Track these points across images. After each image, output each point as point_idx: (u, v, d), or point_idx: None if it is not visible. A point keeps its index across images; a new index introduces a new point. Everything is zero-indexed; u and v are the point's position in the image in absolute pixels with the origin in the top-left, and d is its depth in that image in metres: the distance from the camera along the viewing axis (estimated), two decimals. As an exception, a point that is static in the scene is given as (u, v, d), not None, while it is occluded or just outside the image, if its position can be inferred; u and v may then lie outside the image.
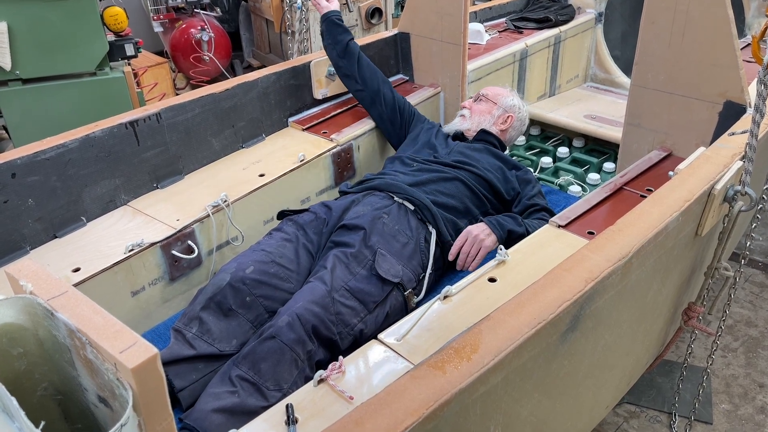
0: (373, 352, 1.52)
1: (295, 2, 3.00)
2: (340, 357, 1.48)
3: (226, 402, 1.56)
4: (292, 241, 2.00)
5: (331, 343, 1.73)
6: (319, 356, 1.70)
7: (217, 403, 1.57)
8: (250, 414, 1.50)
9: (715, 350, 2.19)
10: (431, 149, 2.47)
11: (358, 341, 1.75)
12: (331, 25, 2.69)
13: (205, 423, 1.54)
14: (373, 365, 1.48)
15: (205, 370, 1.70)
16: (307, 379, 1.64)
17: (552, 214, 2.15)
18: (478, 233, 2.06)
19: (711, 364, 2.22)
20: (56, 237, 2.07)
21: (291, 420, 1.33)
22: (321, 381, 1.43)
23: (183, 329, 1.76)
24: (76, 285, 1.84)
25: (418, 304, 1.93)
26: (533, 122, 3.73)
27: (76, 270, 1.90)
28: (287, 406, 1.36)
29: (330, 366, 1.45)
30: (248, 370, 1.62)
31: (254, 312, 1.81)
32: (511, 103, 2.66)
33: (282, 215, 2.17)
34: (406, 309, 1.93)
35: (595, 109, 3.64)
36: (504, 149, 2.63)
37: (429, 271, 2.01)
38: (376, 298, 1.86)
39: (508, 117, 2.63)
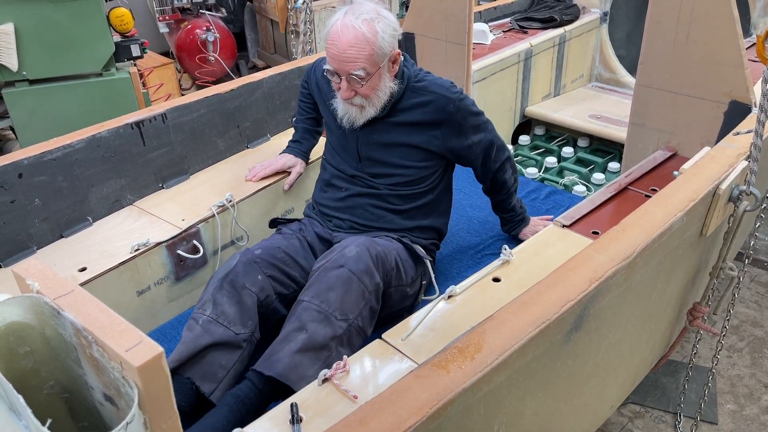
0: (377, 351, 1.52)
1: (296, 3, 3.01)
2: (345, 356, 1.49)
3: (297, 342, 1.59)
4: (295, 236, 2.00)
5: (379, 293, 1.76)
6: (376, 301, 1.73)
7: (288, 347, 1.59)
8: (321, 349, 1.58)
9: (720, 350, 2.19)
10: None
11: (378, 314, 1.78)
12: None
13: (280, 368, 1.56)
14: (378, 364, 1.49)
15: (228, 364, 1.66)
16: (373, 312, 1.72)
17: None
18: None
19: (716, 364, 2.22)
20: (62, 237, 2.08)
21: (295, 419, 1.33)
22: (325, 380, 1.43)
23: (196, 315, 1.71)
24: (82, 284, 1.85)
25: (422, 304, 1.93)
26: (538, 122, 3.73)
27: (83, 269, 1.91)
28: (292, 405, 1.36)
29: (334, 365, 1.46)
30: (314, 298, 1.64)
31: (265, 292, 1.78)
32: (383, 42, 1.85)
33: (274, 223, 2.14)
34: (411, 307, 1.94)
35: (599, 108, 3.64)
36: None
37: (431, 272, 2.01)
38: (412, 275, 1.91)
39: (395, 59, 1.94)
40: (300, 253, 1.93)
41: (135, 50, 3.54)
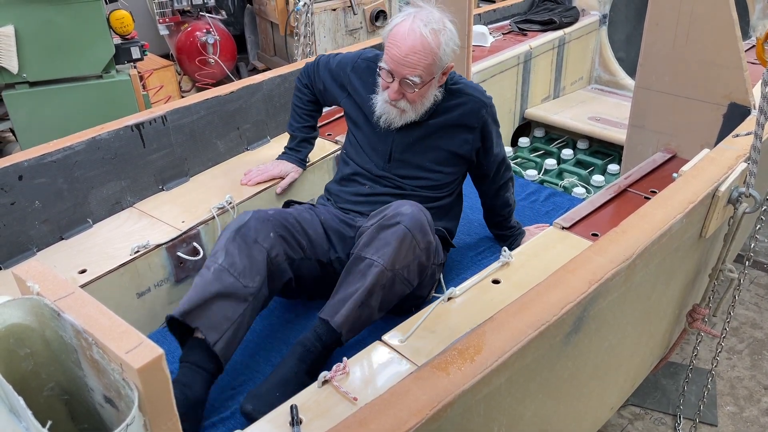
0: (377, 353, 1.52)
1: (296, 6, 3.01)
2: (344, 358, 1.49)
3: (358, 295, 1.68)
4: (307, 211, 2.01)
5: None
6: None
7: (351, 298, 1.68)
8: (368, 297, 1.68)
9: (719, 352, 2.19)
10: None
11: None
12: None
13: (339, 320, 1.66)
14: (377, 366, 1.49)
15: (233, 316, 1.66)
16: (422, 268, 1.81)
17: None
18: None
19: (716, 366, 2.22)
20: (63, 239, 2.08)
21: (295, 421, 1.33)
22: (325, 382, 1.43)
23: (209, 263, 1.73)
24: (82, 286, 1.85)
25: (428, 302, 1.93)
26: (537, 124, 3.73)
27: (83, 271, 1.91)
28: (291, 407, 1.36)
29: (334, 367, 1.46)
30: (374, 254, 1.70)
31: (275, 250, 1.79)
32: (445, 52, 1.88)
33: (287, 205, 2.15)
34: (424, 300, 1.97)
35: (599, 110, 3.64)
36: None
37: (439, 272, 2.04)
38: (441, 258, 1.97)
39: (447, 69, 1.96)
40: (310, 225, 1.94)
41: (135, 52, 3.54)
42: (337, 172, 2.21)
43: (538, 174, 3.30)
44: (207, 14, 5.31)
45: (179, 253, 2.07)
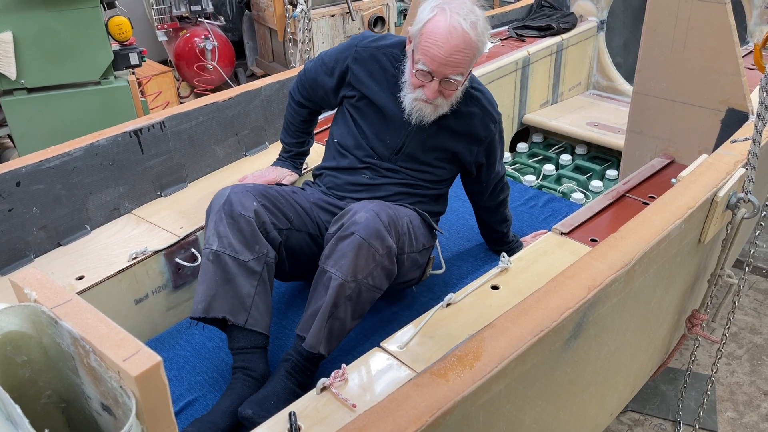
0: (375, 359, 1.52)
1: (294, 12, 3.02)
2: (343, 365, 1.48)
3: (323, 311, 1.66)
4: (292, 188, 1.99)
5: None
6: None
7: (317, 315, 1.67)
8: (335, 309, 1.66)
9: (719, 358, 2.18)
10: None
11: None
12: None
13: (310, 341, 1.66)
14: (376, 373, 1.48)
15: (251, 291, 1.70)
16: (388, 272, 1.75)
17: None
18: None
19: (715, 372, 2.21)
20: (60, 245, 2.07)
21: (294, 428, 1.33)
22: (324, 389, 1.43)
23: (204, 251, 1.74)
24: (80, 293, 1.85)
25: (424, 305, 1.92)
26: (536, 130, 3.74)
27: (80, 278, 1.91)
28: (290, 413, 1.36)
29: (333, 373, 1.45)
30: (332, 267, 1.66)
31: (261, 218, 1.76)
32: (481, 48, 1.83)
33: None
34: (419, 279, 2.00)
35: (597, 116, 3.65)
36: None
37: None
38: (423, 243, 1.92)
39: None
40: (296, 199, 1.91)
41: (133, 58, 3.54)
42: (326, 158, 2.12)
43: (537, 179, 3.30)
44: (205, 20, 5.32)
45: (177, 260, 2.07)
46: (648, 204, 2.03)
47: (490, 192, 2.13)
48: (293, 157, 2.33)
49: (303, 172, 2.39)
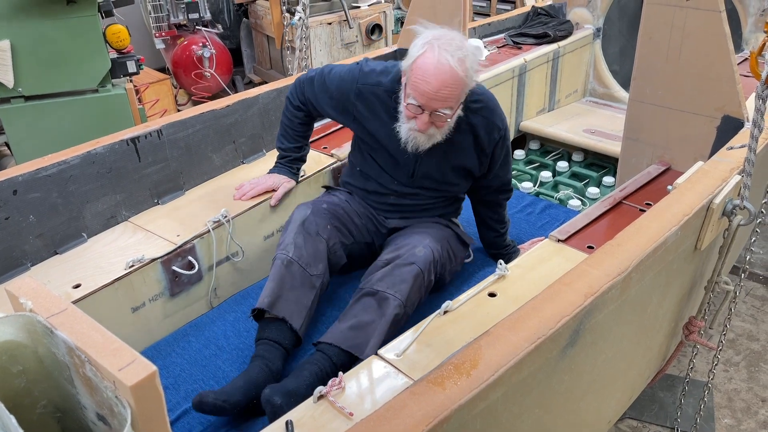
0: (372, 367, 1.51)
1: (292, 20, 3.03)
2: (340, 373, 1.48)
3: (381, 325, 1.81)
4: (347, 201, 2.18)
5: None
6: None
7: (375, 330, 1.80)
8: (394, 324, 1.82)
9: (716, 364, 2.19)
10: None
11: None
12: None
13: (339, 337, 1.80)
14: (373, 381, 1.48)
15: (308, 303, 1.92)
16: (420, 299, 1.96)
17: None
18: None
19: (713, 379, 2.21)
20: (57, 253, 2.07)
21: (291, 437, 1.33)
22: (321, 397, 1.42)
23: (280, 255, 1.95)
24: (76, 301, 1.84)
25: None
26: (533, 137, 3.75)
27: (77, 286, 1.90)
28: (287, 422, 1.35)
29: (330, 382, 1.45)
30: (389, 288, 1.85)
31: (333, 240, 2.03)
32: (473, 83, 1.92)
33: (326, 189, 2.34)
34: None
35: (594, 123, 3.66)
36: None
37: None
38: (461, 257, 2.17)
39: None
40: (355, 214, 2.16)
41: (131, 66, 3.54)
42: (353, 175, 2.23)
43: (534, 186, 3.31)
44: (203, 28, 5.33)
45: (174, 268, 2.06)
46: (644, 211, 2.03)
47: (494, 188, 2.19)
48: (290, 163, 2.36)
49: (300, 179, 2.40)
